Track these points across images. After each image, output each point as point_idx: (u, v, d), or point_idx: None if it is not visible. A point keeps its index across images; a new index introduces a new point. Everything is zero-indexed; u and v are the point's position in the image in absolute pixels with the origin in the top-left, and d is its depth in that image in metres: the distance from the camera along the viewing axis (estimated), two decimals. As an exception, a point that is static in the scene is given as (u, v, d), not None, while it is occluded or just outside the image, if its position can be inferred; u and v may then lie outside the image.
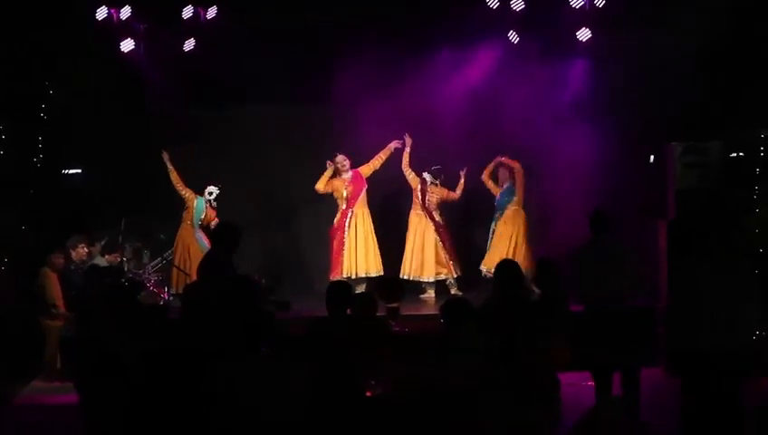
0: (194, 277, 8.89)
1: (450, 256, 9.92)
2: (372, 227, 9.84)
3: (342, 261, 9.68)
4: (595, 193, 9.24)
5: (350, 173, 9.82)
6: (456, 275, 9.92)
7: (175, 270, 9.54)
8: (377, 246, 9.81)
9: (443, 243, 9.91)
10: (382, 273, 9.69)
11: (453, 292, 9.82)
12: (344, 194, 9.76)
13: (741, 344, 5.09)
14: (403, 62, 9.87)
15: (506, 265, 5.87)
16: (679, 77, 9.31)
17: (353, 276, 9.62)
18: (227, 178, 9.98)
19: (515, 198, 9.88)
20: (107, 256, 9.11)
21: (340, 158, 9.77)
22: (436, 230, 9.92)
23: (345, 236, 9.71)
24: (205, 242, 9.71)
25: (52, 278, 8.47)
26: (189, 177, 9.99)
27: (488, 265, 9.62)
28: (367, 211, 9.86)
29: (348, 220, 9.75)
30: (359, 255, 9.69)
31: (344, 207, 9.80)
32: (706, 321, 5.19)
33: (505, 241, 9.80)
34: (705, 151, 8.44)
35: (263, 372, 4.07)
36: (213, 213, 9.86)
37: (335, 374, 4.91)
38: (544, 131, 9.97)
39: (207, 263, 6.70)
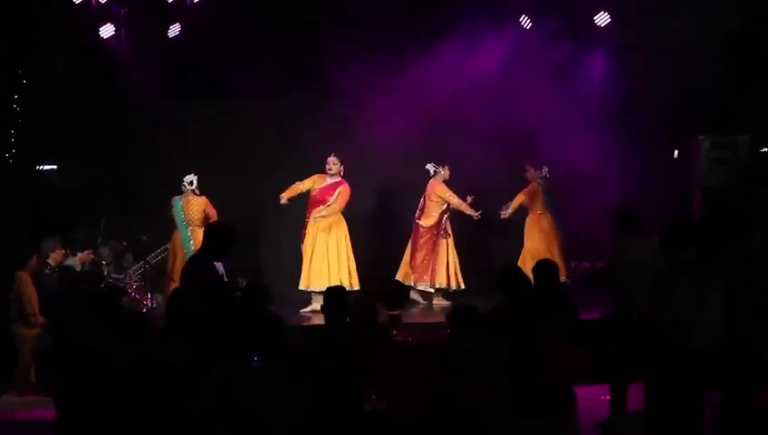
0: None
1: (432, 264, 9.79)
2: (336, 240, 9.49)
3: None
4: (615, 191, 9.24)
5: (332, 179, 9.55)
6: (435, 287, 9.78)
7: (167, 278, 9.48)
8: (343, 259, 9.48)
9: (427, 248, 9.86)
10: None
11: (435, 301, 9.83)
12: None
13: (700, 346, 5.16)
14: (406, 51, 9.86)
15: (511, 269, 5.96)
16: (705, 67, 9.31)
17: (306, 289, 9.48)
18: (216, 175, 9.95)
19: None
20: (79, 255, 9.07)
21: (330, 159, 9.53)
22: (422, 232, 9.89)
23: (303, 245, 9.59)
24: (189, 239, 9.67)
25: (30, 283, 8.43)
26: (174, 173, 10.00)
27: None
28: (327, 222, 9.50)
29: (305, 229, 9.61)
30: (312, 267, 9.44)
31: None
32: (671, 322, 5.25)
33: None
34: (732, 146, 8.45)
35: (259, 379, 4.13)
36: (201, 201, 9.66)
37: (333, 386, 4.92)
38: (560, 124, 9.96)
39: (188, 267, 6.69)
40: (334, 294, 5.51)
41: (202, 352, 4.44)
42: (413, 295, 9.80)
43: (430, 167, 9.89)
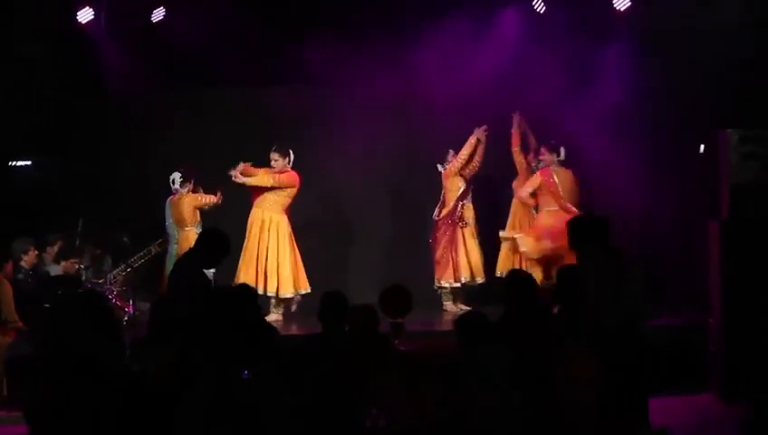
0: None
1: (454, 256, 9.84)
2: (278, 239, 9.43)
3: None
4: (635, 188, 9.26)
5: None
6: (461, 281, 9.84)
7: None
8: (279, 260, 9.40)
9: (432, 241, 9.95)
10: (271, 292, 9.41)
11: (445, 305, 9.92)
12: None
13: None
14: (406, 40, 9.87)
15: (517, 276, 5.98)
16: (735, 53, 9.31)
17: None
18: (200, 171, 9.95)
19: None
20: (63, 263, 9.08)
21: (271, 155, 9.42)
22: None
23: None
24: (175, 242, 9.67)
25: (8, 288, 8.40)
26: (158, 168, 10.02)
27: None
28: (271, 217, 9.43)
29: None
30: (254, 266, 9.40)
31: None
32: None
33: None
34: (764, 140, 8.42)
35: (254, 386, 4.19)
36: (189, 199, 9.61)
37: (330, 399, 4.93)
38: (573, 118, 9.95)
39: (178, 273, 6.75)
40: (332, 300, 5.51)
41: (190, 362, 4.49)
42: (447, 307, 9.86)
43: (441, 167, 9.93)
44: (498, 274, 9.79)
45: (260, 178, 9.37)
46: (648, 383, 6.11)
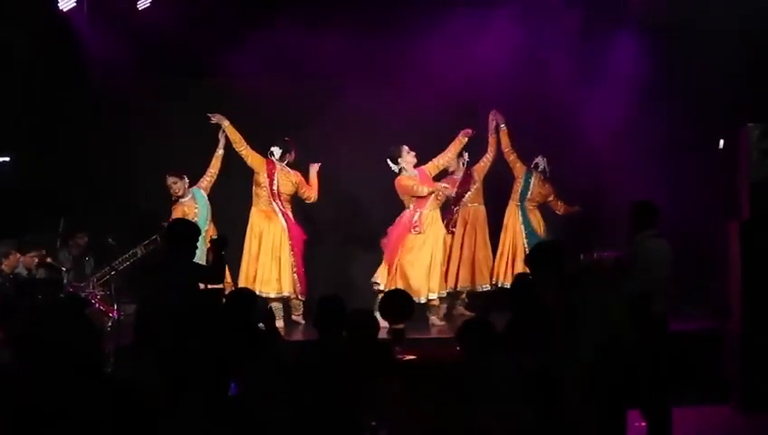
0: None
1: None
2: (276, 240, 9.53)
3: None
4: (650, 186, 9.24)
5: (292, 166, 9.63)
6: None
7: None
8: (273, 261, 9.50)
9: None
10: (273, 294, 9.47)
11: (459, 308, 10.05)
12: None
13: None
14: (405, 31, 9.86)
15: (522, 280, 6.01)
16: (755, 44, 9.31)
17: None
18: (195, 169, 9.93)
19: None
20: (22, 259, 9.02)
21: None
22: None
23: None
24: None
25: (-15, 293, 8.37)
26: (144, 165, 9.99)
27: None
28: (262, 217, 9.55)
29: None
30: (253, 267, 9.50)
31: None
32: None
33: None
34: (787, 136, 8.43)
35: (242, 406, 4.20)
36: (173, 212, 9.69)
37: (328, 410, 4.93)
38: (587, 112, 9.95)
39: (163, 273, 6.77)
40: (329, 304, 5.50)
41: (179, 370, 4.51)
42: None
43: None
44: (494, 281, 9.99)
45: (239, 142, 9.51)
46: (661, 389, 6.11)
